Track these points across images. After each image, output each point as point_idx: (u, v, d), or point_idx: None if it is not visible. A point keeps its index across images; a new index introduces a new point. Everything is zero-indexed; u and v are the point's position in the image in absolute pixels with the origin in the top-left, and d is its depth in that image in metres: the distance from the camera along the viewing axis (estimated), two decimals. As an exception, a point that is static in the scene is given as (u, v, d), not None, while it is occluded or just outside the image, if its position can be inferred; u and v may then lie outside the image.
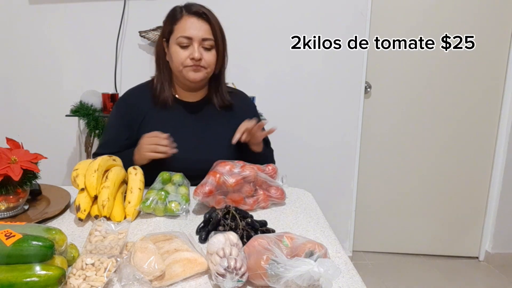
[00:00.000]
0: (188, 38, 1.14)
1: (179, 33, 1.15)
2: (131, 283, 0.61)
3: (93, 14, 1.97)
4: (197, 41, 1.15)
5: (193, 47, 1.15)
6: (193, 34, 1.14)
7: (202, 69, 1.18)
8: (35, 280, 0.57)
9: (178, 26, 1.16)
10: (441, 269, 2.20)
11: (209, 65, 1.19)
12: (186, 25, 1.15)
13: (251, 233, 0.79)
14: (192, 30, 1.14)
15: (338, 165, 2.18)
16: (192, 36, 1.14)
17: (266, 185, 1.02)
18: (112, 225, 0.76)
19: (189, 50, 1.15)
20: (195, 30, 1.14)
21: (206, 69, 1.19)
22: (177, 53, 1.16)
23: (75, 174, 0.93)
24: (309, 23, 1.99)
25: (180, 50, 1.16)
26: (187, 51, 1.16)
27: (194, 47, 1.15)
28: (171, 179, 1.02)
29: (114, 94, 1.86)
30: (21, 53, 2.04)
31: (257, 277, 0.61)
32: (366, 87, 2.11)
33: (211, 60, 1.18)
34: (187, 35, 1.14)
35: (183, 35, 1.14)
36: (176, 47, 1.16)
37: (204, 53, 1.17)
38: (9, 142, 0.94)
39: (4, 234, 0.60)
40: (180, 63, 1.17)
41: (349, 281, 0.66)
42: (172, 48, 1.18)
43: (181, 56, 1.16)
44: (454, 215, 2.28)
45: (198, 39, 1.15)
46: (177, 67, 1.18)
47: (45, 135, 2.11)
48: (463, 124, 2.16)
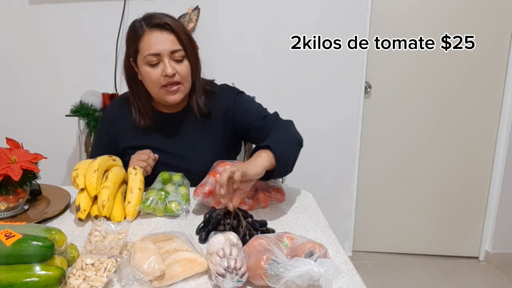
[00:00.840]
0: (156, 55, 1.06)
1: (146, 51, 1.07)
2: (131, 283, 0.61)
3: (93, 14, 1.97)
4: (166, 55, 1.07)
5: (164, 63, 1.07)
6: (160, 49, 1.06)
7: (180, 87, 1.11)
8: (35, 280, 0.57)
9: (142, 44, 1.08)
10: (441, 269, 2.20)
11: (184, 79, 1.11)
12: (150, 41, 1.06)
13: (254, 232, 0.79)
14: (158, 45, 1.06)
15: (338, 165, 2.18)
16: (160, 51, 1.06)
17: (266, 185, 1.02)
18: (112, 225, 0.76)
19: (160, 67, 1.08)
20: (161, 44, 1.06)
21: (183, 85, 1.12)
22: (149, 74, 1.09)
23: (75, 174, 0.93)
24: (309, 23, 1.99)
25: (150, 70, 1.08)
26: (158, 68, 1.08)
27: (165, 63, 1.07)
28: (171, 179, 1.02)
29: (114, 94, 1.86)
30: (21, 53, 2.04)
31: (257, 277, 0.61)
32: (366, 87, 2.11)
33: (185, 72, 1.10)
34: (154, 52, 1.06)
35: (150, 53, 1.06)
36: (146, 67, 1.09)
37: (177, 66, 1.09)
38: (9, 142, 0.94)
39: (4, 234, 0.60)
40: (155, 84, 1.09)
41: (349, 281, 0.66)
42: (142, 69, 1.10)
43: (153, 76, 1.08)
44: (454, 215, 2.28)
45: (166, 53, 1.06)
46: (153, 89, 1.12)
47: (45, 135, 2.11)
48: (463, 124, 2.16)
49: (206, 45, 1.93)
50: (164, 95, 1.11)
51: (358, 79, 2.07)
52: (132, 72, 1.16)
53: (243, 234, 0.77)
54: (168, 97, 1.11)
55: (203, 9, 1.96)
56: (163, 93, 1.11)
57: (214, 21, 1.97)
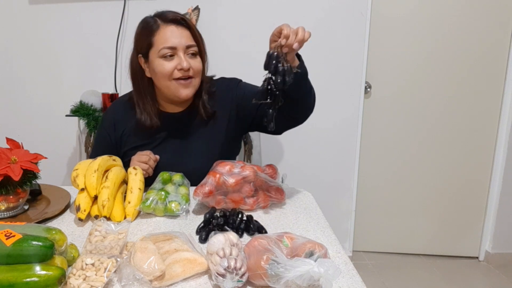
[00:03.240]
0: (172, 48, 1.07)
1: (161, 45, 1.07)
2: (131, 283, 0.61)
3: (93, 14, 1.97)
4: (181, 49, 1.08)
5: (179, 56, 1.08)
6: (176, 42, 1.07)
7: (192, 81, 1.11)
8: (35, 280, 0.57)
9: (158, 38, 1.08)
10: (441, 269, 2.20)
11: (197, 73, 1.12)
12: (166, 34, 1.07)
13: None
14: (174, 39, 1.07)
15: (338, 165, 2.18)
16: (176, 45, 1.07)
17: (266, 185, 1.02)
18: (112, 225, 0.76)
19: (175, 60, 1.08)
20: (177, 38, 1.07)
21: (196, 79, 1.12)
22: (162, 65, 1.08)
23: (75, 174, 0.94)
24: (309, 23, 1.98)
25: (165, 62, 1.08)
26: (173, 62, 1.08)
27: (180, 57, 1.08)
28: (171, 179, 1.02)
29: (114, 94, 1.86)
30: (21, 53, 2.04)
31: (257, 277, 0.61)
32: (366, 87, 2.11)
33: (199, 67, 1.12)
34: (170, 45, 1.07)
35: (166, 46, 1.07)
36: (160, 60, 1.08)
37: (191, 61, 1.10)
38: (9, 142, 0.94)
39: (4, 234, 0.60)
40: (168, 76, 1.09)
41: (349, 281, 0.66)
42: (154, 62, 1.09)
43: (167, 68, 1.08)
44: (454, 215, 2.28)
45: (182, 47, 1.08)
46: (164, 82, 1.11)
47: (45, 135, 2.11)
48: (463, 124, 2.16)
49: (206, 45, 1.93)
50: (177, 88, 1.10)
51: (358, 79, 2.06)
52: (140, 69, 1.15)
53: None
54: (181, 90, 1.11)
55: (203, 9, 1.96)
56: (175, 86, 1.10)
57: (214, 21, 1.97)
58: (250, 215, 0.89)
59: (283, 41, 0.88)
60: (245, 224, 0.86)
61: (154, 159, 1.14)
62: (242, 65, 2.02)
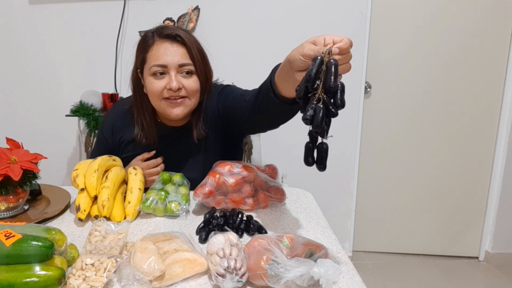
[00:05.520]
0: (162, 66, 1.01)
1: (152, 62, 1.02)
2: (131, 283, 0.60)
3: (93, 14, 1.97)
4: (173, 68, 1.01)
5: (170, 75, 1.01)
6: (168, 60, 1.00)
7: (185, 101, 1.05)
8: (34, 280, 0.57)
9: (151, 54, 1.03)
10: (441, 269, 2.20)
11: (191, 94, 1.04)
12: (159, 51, 1.01)
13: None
14: (166, 57, 1.00)
15: (338, 165, 2.18)
16: (167, 63, 1.00)
17: (266, 185, 1.01)
18: (112, 225, 0.76)
19: (166, 79, 1.02)
20: (169, 56, 1.00)
21: (189, 99, 1.05)
22: (152, 84, 1.03)
23: (75, 174, 0.93)
24: (309, 23, 1.99)
25: (155, 81, 1.02)
26: (163, 81, 1.02)
27: (170, 76, 1.01)
28: (171, 179, 1.02)
29: (114, 94, 1.86)
30: (21, 53, 2.04)
31: (257, 277, 0.61)
32: (366, 87, 2.11)
33: (193, 87, 1.04)
34: (161, 63, 1.01)
35: (156, 64, 1.01)
36: (150, 78, 1.03)
37: (184, 80, 1.03)
38: (9, 142, 0.94)
39: (4, 234, 0.60)
40: (157, 95, 1.03)
41: (349, 281, 0.66)
42: (146, 79, 1.04)
43: (155, 87, 1.02)
44: (454, 215, 2.28)
45: (174, 66, 1.01)
46: (154, 101, 1.06)
47: (45, 135, 2.11)
48: (463, 124, 2.16)
49: (206, 45, 1.92)
50: (166, 108, 1.05)
51: (358, 79, 2.06)
52: (139, 83, 1.11)
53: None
54: (170, 109, 1.05)
55: (203, 9, 1.96)
56: (165, 105, 1.05)
57: (214, 21, 1.97)
58: (250, 215, 0.89)
59: (335, 49, 0.68)
60: (245, 224, 0.86)
61: (162, 168, 1.14)
62: (241, 65, 2.02)
